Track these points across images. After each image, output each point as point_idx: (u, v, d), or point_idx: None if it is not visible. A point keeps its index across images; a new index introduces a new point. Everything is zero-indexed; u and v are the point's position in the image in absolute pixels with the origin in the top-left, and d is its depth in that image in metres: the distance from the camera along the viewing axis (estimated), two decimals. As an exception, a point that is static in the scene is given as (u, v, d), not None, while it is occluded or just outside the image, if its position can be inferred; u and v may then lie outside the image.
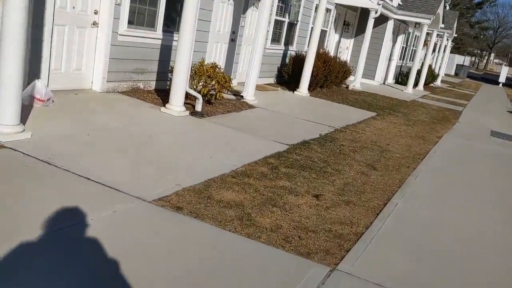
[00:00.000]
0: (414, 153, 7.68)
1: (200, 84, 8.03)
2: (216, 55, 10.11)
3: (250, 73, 9.34)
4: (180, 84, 7.01)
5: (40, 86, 5.80)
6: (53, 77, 6.71)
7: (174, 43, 8.17)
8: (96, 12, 7.14)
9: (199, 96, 7.43)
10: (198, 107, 7.43)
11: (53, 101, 6.08)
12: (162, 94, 8.19)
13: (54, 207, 3.40)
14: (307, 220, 4.04)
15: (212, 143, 6.00)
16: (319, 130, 7.97)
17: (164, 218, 3.59)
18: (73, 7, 6.77)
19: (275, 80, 13.10)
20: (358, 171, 5.95)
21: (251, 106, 9.04)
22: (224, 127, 6.95)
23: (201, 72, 8.03)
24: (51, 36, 6.48)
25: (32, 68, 6.17)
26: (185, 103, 7.42)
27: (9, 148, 4.30)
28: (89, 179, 4.01)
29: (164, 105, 7.20)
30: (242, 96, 9.37)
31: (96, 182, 3.98)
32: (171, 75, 8.35)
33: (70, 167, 4.15)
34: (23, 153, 4.25)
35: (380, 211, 4.64)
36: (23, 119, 5.18)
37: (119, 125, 5.80)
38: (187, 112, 7.20)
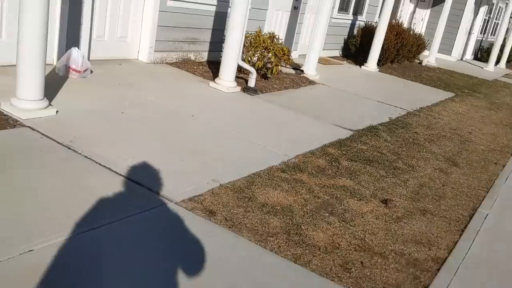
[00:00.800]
0: (502, 145, 6.51)
1: (255, 56, 7.21)
2: (276, 24, 9.20)
3: (313, 45, 8.38)
4: (231, 56, 6.23)
5: (76, 55, 5.24)
6: (95, 46, 6.15)
7: (230, 10, 7.36)
8: (144, -26, 6.46)
9: (252, 70, 6.63)
10: (251, 82, 6.64)
11: (91, 71, 5.52)
12: (214, 67, 7.45)
13: (52, 211, 2.78)
14: (372, 237, 3.19)
15: (263, 125, 5.21)
16: (388, 113, 6.96)
17: (190, 227, 2.88)
18: (118, -32, 6.12)
19: (340, 53, 12.00)
20: (436, 167, 4.96)
21: (311, 82, 8.13)
22: (279, 106, 6.13)
23: (257, 43, 7.20)
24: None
25: (71, 34, 5.62)
26: (237, 77, 6.66)
27: (27, 126, 3.75)
28: (109, 168, 3.37)
29: (213, 80, 6.47)
30: (302, 71, 8.46)
31: (117, 173, 3.33)
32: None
33: (91, 153, 3.53)
34: (42, 134, 3.68)
35: (466, 225, 3.69)
36: (54, 92, 4.64)
37: (160, 101, 5.15)
38: (239, 88, 6.43)
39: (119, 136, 4.00)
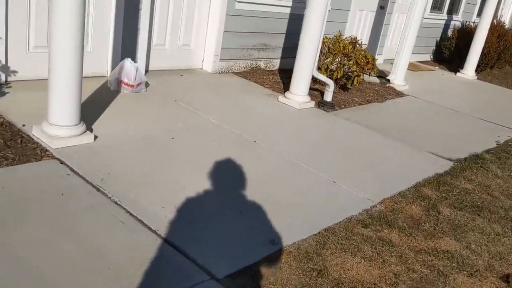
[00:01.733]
0: None
1: (334, 65, 6.28)
2: (359, 27, 8.18)
3: (402, 50, 7.27)
4: (304, 67, 5.36)
5: (129, 68, 4.65)
6: (154, 55, 5.57)
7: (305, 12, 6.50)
8: (210, -26, 5.78)
9: (330, 82, 5.71)
10: (328, 96, 5.73)
11: (146, 85, 4.92)
12: (286, 76, 6.62)
13: None
14: None
15: (340, 154, 4.30)
16: (494, 135, 5.73)
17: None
18: (182, -32, 5.47)
19: (431, 57, 10.66)
20: None
21: (399, 94, 7.04)
22: (360, 126, 5.17)
23: (335, 50, 6.27)
24: (153, 4, 5.29)
25: (127, 43, 5.06)
26: (311, 88, 5.78)
27: (56, 158, 3.16)
28: (141, 222, 2.67)
29: (284, 93, 5.65)
30: (388, 80, 7.38)
31: (150, 229, 2.62)
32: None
33: (124, 198, 2.85)
34: (70, 169, 3.07)
35: None
36: (98, 110, 4.07)
37: (219, 122, 4.41)
38: (312, 103, 5.55)
39: (161, 172, 3.30)
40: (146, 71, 5.47)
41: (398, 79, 7.31)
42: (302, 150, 4.20)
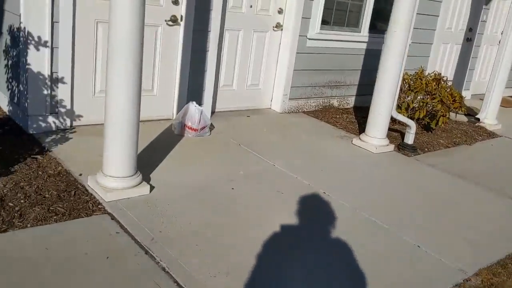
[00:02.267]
0: None
1: (415, 103, 5.73)
2: (444, 61, 7.55)
3: (493, 85, 6.53)
4: (382, 107, 4.88)
5: (193, 111, 4.46)
6: (221, 96, 5.37)
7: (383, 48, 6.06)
8: (280, 11, 5.54)
9: (411, 123, 5.17)
10: (409, 138, 5.17)
11: (211, 128, 4.70)
12: (361, 115, 6.15)
13: None
14: None
15: (424, 208, 3.74)
16: None
17: None
18: (251, 6, 5.29)
19: (526, 90, 9.63)
20: None
21: (491, 134, 6.28)
22: (447, 174, 4.55)
23: (417, 87, 5.73)
24: (221, 44, 5.12)
25: (193, 85, 4.90)
26: (391, 129, 5.28)
27: (108, 213, 2.95)
28: (190, 295, 2.33)
29: (359, 135, 5.19)
30: (477, 119, 6.64)
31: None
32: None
33: (173, 264, 2.54)
34: (120, 225, 2.83)
35: None
36: (158, 157, 3.87)
37: (284, 169, 4.05)
38: (391, 146, 5.02)
39: (217, 231, 2.97)
40: (213, 112, 5.28)
41: (489, 117, 6.55)
42: (379, 204, 3.69)
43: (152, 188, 3.31)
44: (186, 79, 4.81)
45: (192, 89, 4.89)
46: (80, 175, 3.39)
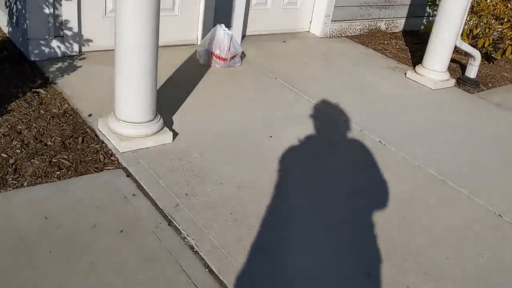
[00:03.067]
0: None
1: (478, 29, 4.88)
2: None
3: None
4: (445, 33, 4.08)
5: (221, 36, 3.75)
6: (253, 16, 4.61)
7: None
8: None
9: (476, 54, 4.38)
10: (471, 71, 4.42)
11: (242, 57, 4.01)
12: (413, 41, 5.35)
13: None
14: None
15: (501, 164, 3.12)
16: None
17: None
18: None
19: None
20: None
21: (561, 67, 5.43)
22: (519, 117, 3.87)
23: (482, 10, 4.84)
24: (254, -47, 4.29)
25: (221, 3, 4.14)
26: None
27: (122, 167, 2.41)
28: (222, 283, 1.83)
29: (413, 66, 4.45)
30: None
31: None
32: (431, 9, 5.42)
33: (201, 240, 2.03)
34: (138, 185, 2.30)
35: None
36: (183, 94, 3.26)
37: (328, 110, 3.41)
38: (452, 81, 4.29)
39: (251, 196, 2.42)
40: (243, 36, 4.56)
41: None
42: (445, 158, 3.07)
43: (175, 135, 2.74)
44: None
45: (219, 9, 4.14)
46: (90, 115, 2.83)
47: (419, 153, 3.02)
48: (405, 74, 4.33)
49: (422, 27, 5.88)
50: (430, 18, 5.95)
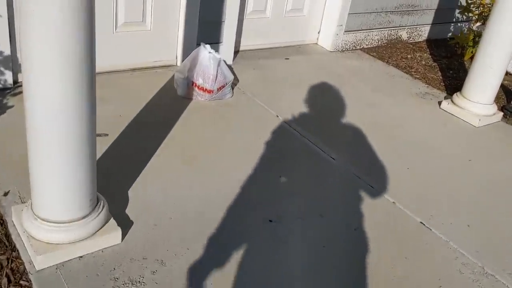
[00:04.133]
0: None
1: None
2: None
3: None
4: (494, 57, 3.17)
5: (207, 61, 2.84)
6: (249, 28, 3.69)
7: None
8: None
9: (530, 79, 3.47)
10: (522, 99, 3.52)
11: (233, 84, 3.11)
12: (440, 53, 4.46)
13: None
14: None
15: None
16: None
17: None
18: None
19: None
20: None
21: None
22: None
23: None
24: (250, -51, 3.36)
25: (207, 13, 3.22)
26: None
27: (35, 302, 1.54)
28: None
29: (446, 90, 3.56)
30: None
31: None
32: (461, 13, 4.54)
33: None
34: None
35: None
36: (147, 148, 2.36)
37: (350, 169, 2.53)
38: (499, 115, 3.39)
39: None
40: (237, 51, 3.65)
41: None
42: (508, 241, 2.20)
43: (128, 226, 1.85)
44: (196, 4, 3.13)
45: (205, 20, 3.23)
46: (6, 194, 1.94)
47: (460, 231, 2.14)
48: (439, 104, 3.43)
49: (450, 34, 4.98)
50: (459, 25, 5.04)
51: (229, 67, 3.33)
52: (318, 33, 4.16)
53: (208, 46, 2.89)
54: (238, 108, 2.92)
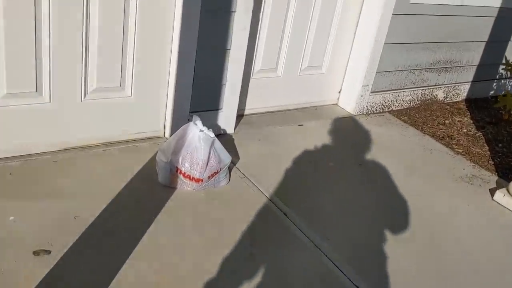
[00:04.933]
0: None
1: None
2: None
3: None
4: None
5: (196, 141, 2.20)
6: (256, 88, 3.08)
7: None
8: None
9: None
10: None
11: (231, 165, 2.46)
12: (484, 117, 3.79)
13: None
14: None
15: None
16: None
17: None
18: None
19: None
20: None
21: None
22: None
23: None
24: (259, 1, 2.78)
25: (202, 74, 2.62)
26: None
27: None
28: None
29: (496, 171, 2.86)
30: None
31: None
32: (507, 70, 3.88)
33: None
34: None
35: None
36: (99, 271, 1.70)
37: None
38: None
39: None
40: (240, 116, 3.04)
41: None
42: None
43: None
44: (189, 63, 2.52)
45: (201, 82, 2.62)
46: None
47: None
48: (491, 194, 2.72)
49: (492, 92, 4.31)
50: (503, 82, 4.37)
51: (229, 137, 2.70)
52: (339, 92, 3.53)
53: (199, 122, 2.26)
54: (235, 204, 2.25)
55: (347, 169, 2.75)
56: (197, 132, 2.23)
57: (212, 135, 2.26)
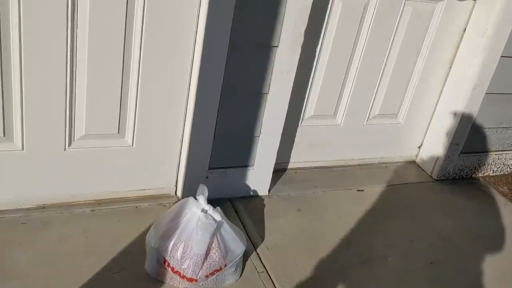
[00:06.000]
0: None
1: None
2: None
3: None
4: None
5: (192, 224, 1.61)
6: (305, 137, 2.41)
7: None
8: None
9: None
10: None
11: (238, 265, 1.83)
12: None
13: None
14: None
15: None
16: None
17: None
18: None
19: None
20: None
21: None
22: None
23: None
24: (318, 30, 2.11)
25: (228, 123, 2.01)
26: None
27: None
28: None
29: None
30: None
31: None
32: None
33: None
34: None
35: None
36: None
37: None
38: None
39: None
40: (281, 171, 2.39)
41: None
42: None
43: None
44: (211, 109, 1.93)
45: (225, 132, 2.01)
46: None
47: None
48: None
49: None
50: None
51: (259, 202, 2.09)
52: (419, 147, 2.75)
53: (203, 197, 1.66)
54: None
55: (413, 270, 2.00)
56: (197, 212, 1.63)
57: (218, 217, 1.65)
